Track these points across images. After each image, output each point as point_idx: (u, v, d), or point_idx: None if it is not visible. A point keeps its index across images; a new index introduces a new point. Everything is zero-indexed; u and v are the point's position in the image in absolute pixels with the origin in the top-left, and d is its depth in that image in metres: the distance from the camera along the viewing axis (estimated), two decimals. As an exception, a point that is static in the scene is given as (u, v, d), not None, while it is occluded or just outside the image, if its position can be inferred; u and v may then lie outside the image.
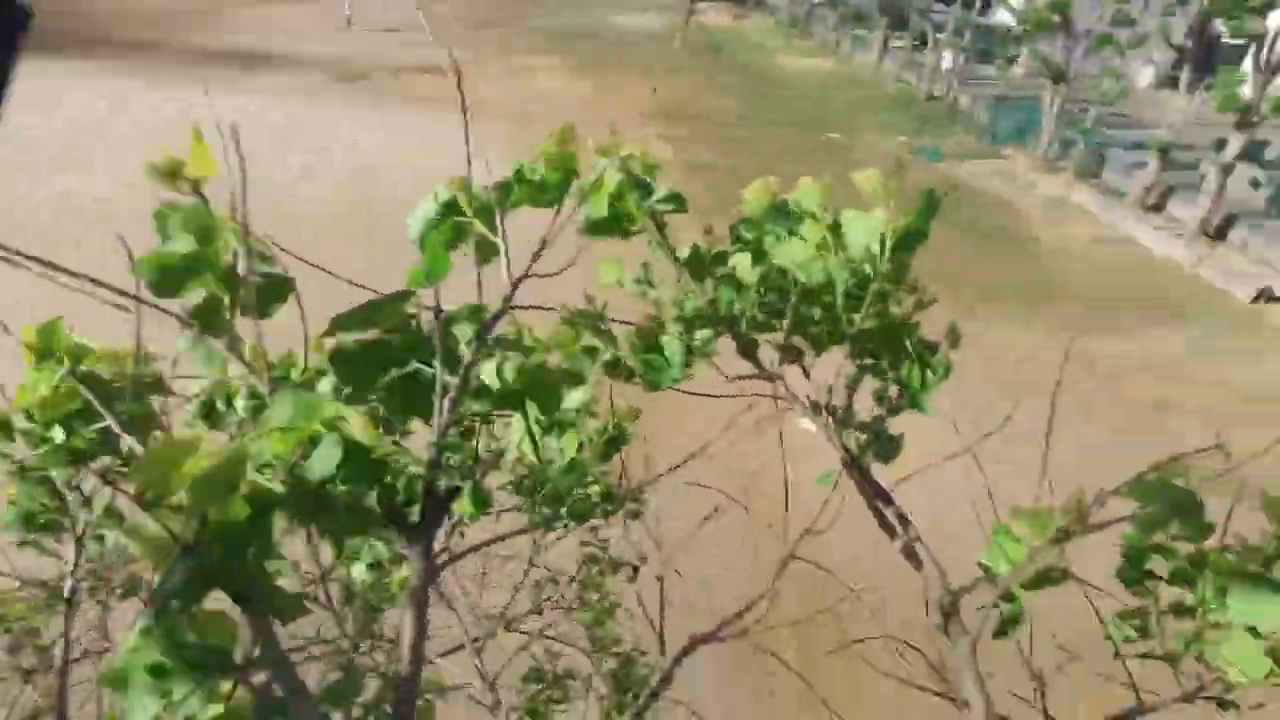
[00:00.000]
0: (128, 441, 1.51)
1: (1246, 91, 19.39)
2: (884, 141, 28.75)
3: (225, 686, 0.89)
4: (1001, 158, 27.64)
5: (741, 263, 1.68)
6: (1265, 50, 19.13)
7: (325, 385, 1.22)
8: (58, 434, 1.68)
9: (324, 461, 0.95)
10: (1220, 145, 21.27)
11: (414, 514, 1.11)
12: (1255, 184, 22.48)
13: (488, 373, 1.24)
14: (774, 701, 8.32)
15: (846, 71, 40.83)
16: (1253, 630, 1.34)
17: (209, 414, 2.74)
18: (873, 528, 1.78)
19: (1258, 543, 1.48)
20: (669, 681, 2.15)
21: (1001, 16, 35.40)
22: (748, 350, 1.79)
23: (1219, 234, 20.66)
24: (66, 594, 2.01)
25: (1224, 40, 31.45)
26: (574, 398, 3.18)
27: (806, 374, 1.84)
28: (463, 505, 1.23)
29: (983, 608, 1.61)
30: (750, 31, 50.52)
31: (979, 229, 20.74)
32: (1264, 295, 17.57)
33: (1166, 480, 1.49)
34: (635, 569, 3.85)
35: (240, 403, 2.72)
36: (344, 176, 21.17)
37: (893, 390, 1.81)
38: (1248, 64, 19.85)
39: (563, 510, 3.47)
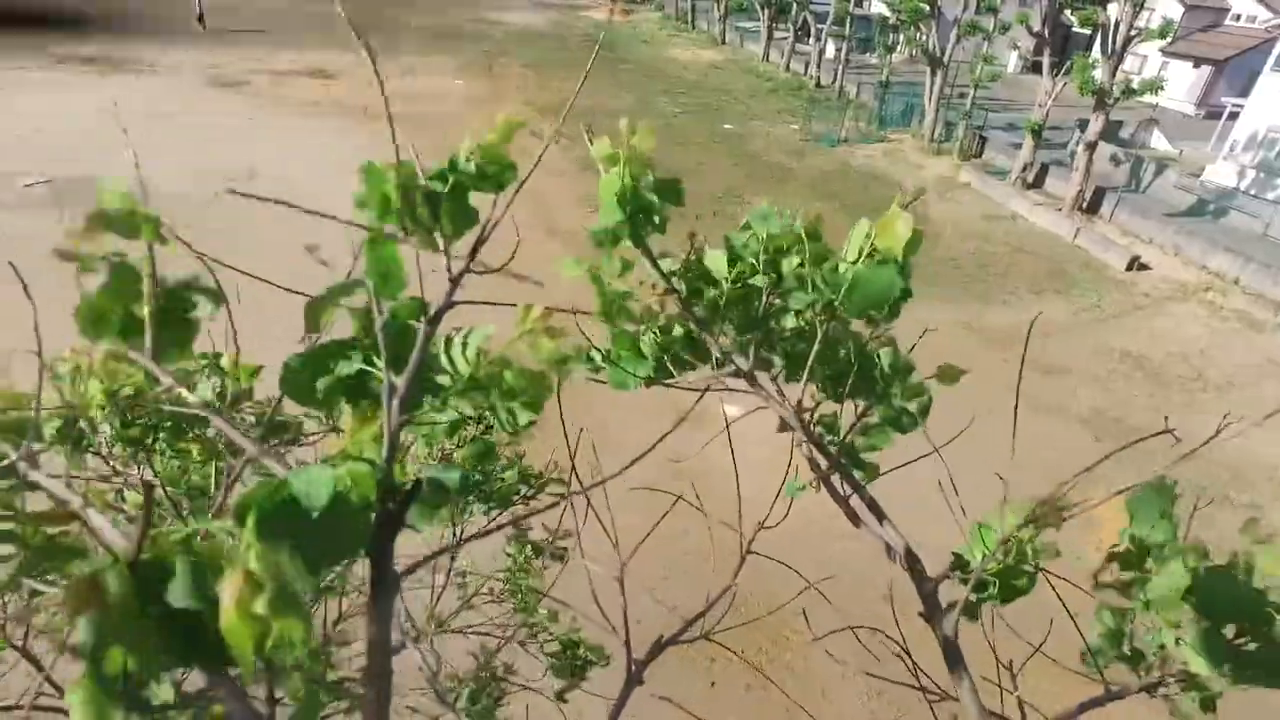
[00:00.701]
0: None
1: (1099, 75, 20.98)
2: (779, 130, 29.46)
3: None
4: (890, 141, 28.90)
5: (716, 261, 1.65)
6: (1110, 38, 20.73)
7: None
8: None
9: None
10: (1083, 125, 22.98)
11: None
12: (1115, 160, 24.43)
13: (453, 362, 1.10)
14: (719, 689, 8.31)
15: (735, 62, 41.66)
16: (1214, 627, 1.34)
17: (74, 437, 2.35)
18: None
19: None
20: (640, 682, 2.02)
21: (877, 6, 36.98)
22: (722, 356, 1.72)
23: (1091, 207, 22.33)
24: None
25: (1075, 29, 34.16)
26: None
27: (776, 383, 1.78)
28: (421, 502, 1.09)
29: (953, 602, 1.61)
30: (640, 25, 50.72)
31: (876, 208, 21.44)
32: (1135, 263, 19.10)
33: (1159, 490, 1.57)
34: (564, 550, 3.78)
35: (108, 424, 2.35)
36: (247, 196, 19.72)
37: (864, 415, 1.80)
38: (1097, 50, 21.48)
39: (471, 497, 3.28)
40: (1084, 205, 22.12)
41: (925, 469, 1.90)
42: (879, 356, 1.74)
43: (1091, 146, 21.21)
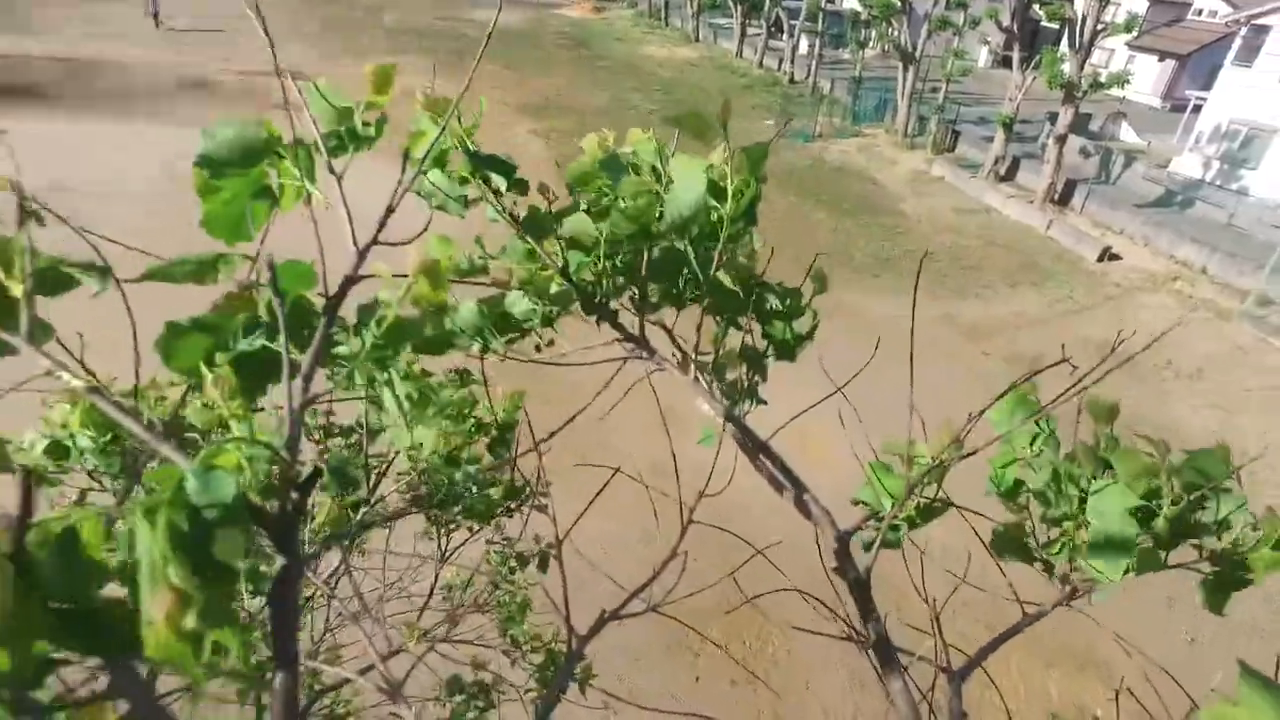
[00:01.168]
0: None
1: (1068, 69, 21.28)
2: (754, 126, 29.50)
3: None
4: (865, 136, 29.08)
5: (579, 224, 1.54)
6: (1077, 32, 21.03)
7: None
8: None
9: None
10: (1053, 118, 23.28)
11: (273, 505, 0.94)
12: (1085, 153, 24.80)
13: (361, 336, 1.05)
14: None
15: (710, 59, 41.68)
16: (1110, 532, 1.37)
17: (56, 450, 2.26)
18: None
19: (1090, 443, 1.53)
20: (581, 658, 1.99)
21: (849, 2, 37.20)
22: (607, 316, 1.65)
23: (1062, 200, 22.63)
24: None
25: (1043, 24, 34.61)
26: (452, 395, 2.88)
27: (670, 333, 1.73)
28: (327, 485, 1.02)
29: (865, 538, 1.63)
30: (614, 23, 50.59)
31: (851, 203, 21.73)
32: (1107, 254, 19.39)
33: (1022, 398, 1.61)
34: (545, 559, 3.71)
35: (86, 442, 2.25)
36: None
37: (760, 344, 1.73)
38: (1066, 44, 21.79)
39: (457, 510, 3.21)
40: (1055, 197, 22.42)
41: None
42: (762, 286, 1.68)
43: (1062, 139, 21.49)
